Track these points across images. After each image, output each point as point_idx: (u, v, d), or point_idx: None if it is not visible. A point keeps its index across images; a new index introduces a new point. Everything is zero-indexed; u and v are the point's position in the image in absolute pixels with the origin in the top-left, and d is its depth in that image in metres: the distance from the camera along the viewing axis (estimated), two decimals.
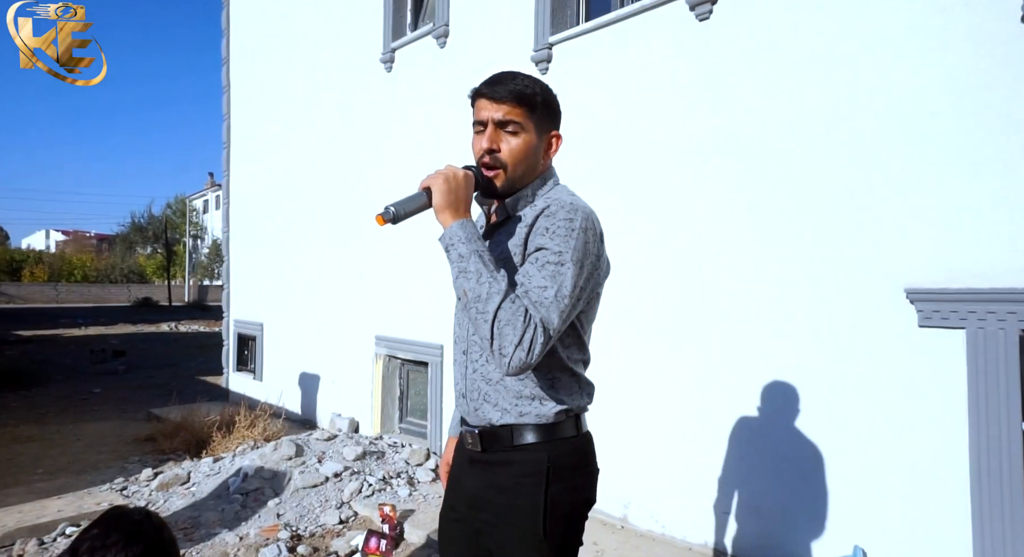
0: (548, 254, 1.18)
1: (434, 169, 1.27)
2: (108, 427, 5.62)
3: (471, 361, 1.31)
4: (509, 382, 1.25)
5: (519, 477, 1.24)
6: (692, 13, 3.12)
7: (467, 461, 1.35)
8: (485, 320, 1.12)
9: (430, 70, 4.62)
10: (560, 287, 1.15)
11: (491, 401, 1.27)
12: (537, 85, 1.29)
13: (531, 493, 1.23)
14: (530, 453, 1.25)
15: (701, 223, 3.12)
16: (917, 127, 2.45)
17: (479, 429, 1.30)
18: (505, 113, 1.25)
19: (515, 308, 1.12)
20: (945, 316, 2.32)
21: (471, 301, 1.14)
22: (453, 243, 1.18)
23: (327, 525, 3.35)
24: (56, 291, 33.47)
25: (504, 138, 1.26)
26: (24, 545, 3.09)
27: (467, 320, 1.31)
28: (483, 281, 1.13)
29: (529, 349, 1.10)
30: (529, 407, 1.25)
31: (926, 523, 2.37)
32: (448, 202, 1.19)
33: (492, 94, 1.26)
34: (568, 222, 1.20)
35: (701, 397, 3.08)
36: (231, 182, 7.35)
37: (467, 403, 1.33)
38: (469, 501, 1.33)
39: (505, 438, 1.26)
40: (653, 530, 3.22)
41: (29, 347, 12.27)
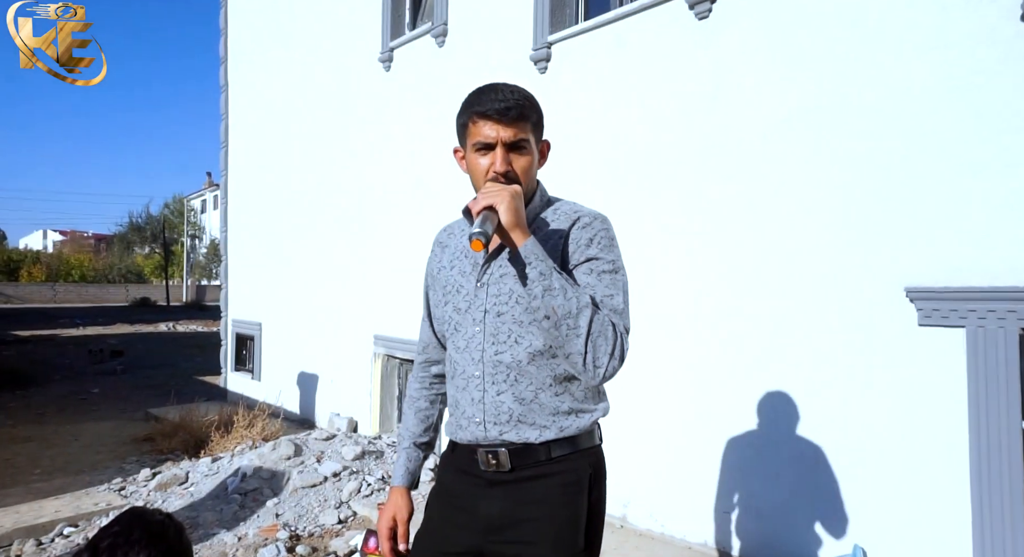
0: (602, 263, 1.21)
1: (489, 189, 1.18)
2: (106, 427, 5.60)
3: (494, 383, 1.23)
4: (545, 399, 1.22)
5: (562, 487, 1.21)
6: (691, 12, 3.12)
7: (484, 484, 1.25)
8: (578, 335, 1.11)
9: (429, 69, 4.61)
10: (624, 294, 1.21)
11: (527, 421, 1.22)
12: (531, 98, 1.27)
13: (575, 502, 1.21)
14: (571, 462, 1.23)
15: (701, 222, 3.11)
16: (917, 125, 2.44)
17: (507, 447, 1.22)
18: (516, 134, 1.22)
19: (603, 320, 1.14)
20: (945, 315, 2.31)
21: (561, 318, 1.11)
22: (531, 261, 1.13)
23: (326, 525, 3.34)
24: (54, 291, 33.39)
25: (514, 159, 1.23)
26: (22, 545, 3.08)
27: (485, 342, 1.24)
28: (570, 297, 1.12)
29: (621, 358, 1.15)
30: (567, 421, 1.23)
31: (926, 522, 2.37)
32: (518, 220, 1.15)
33: (501, 116, 1.21)
34: (607, 231, 1.25)
35: (700, 396, 3.08)
36: (229, 182, 7.34)
37: (488, 430, 1.23)
38: (487, 528, 1.23)
39: (542, 453, 1.22)
40: (652, 529, 3.21)
41: (27, 347, 12.24)
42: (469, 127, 1.25)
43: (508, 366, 1.21)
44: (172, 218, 38.97)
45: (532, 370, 1.21)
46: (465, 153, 1.29)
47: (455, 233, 1.41)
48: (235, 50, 7.20)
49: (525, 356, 1.21)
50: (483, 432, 1.23)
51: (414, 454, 1.43)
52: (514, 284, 1.21)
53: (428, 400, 1.47)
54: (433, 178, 4.42)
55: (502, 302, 1.23)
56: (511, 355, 1.21)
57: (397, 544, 1.36)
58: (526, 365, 1.21)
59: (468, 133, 1.26)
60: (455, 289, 1.31)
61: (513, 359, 1.21)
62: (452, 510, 1.30)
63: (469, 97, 1.26)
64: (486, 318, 1.24)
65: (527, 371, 1.21)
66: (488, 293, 1.25)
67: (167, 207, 39.97)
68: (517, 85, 1.27)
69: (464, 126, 1.27)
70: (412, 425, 1.46)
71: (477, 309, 1.26)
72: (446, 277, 1.35)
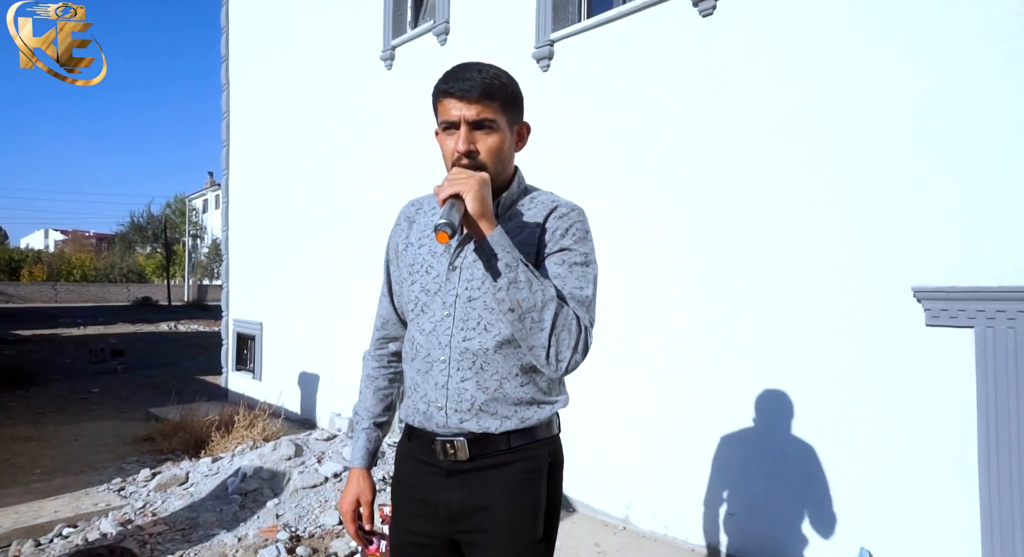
0: (575, 255, 1.19)
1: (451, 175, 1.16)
2: (106, 427, 5.59)
3: (459, 370, 1.21)
4: (509, 389, 1.20)
5: (522, 474, 1.21)
6: (695, 9, 3.09)
7: (442, 474, 1.23)
8: (542, 328, 1.10)
9: (430, 68, 4.59)
10: (593, 287, 1.19)
11: (489, 410, 1.20)
12: (503, 76, 1.22)
13: (534, 489, 1.21)
14: (530, 451, 1.22)
15: (703, 222, 3.09)
16: (923, 124, 2.42)
17: (466, 437, 1.20)
18: (478, 112, 1.17)
19: (567, 313, 1.13)
20: (953, 315, 2.29)
21: (525, 311, 1.10)
22: (497, 252, 1.11)
23: (326, 526, 3.32)
24: (55, 291, 33.41)
25: (479, 138, 1.19)
26: (20, 546, 3.06)
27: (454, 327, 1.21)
28: (535, 290, 1.10)
29: (584, 351, 1.14)
30: (529, 412, 1.22)
31: (934, 525, 2.34)
32: (484, 209, 1.11)
33: (461, 92, 1.17)
34: (582, 224, 1.23)
35: (703, 397, 3.05)
36: (230, 181, 7.32)
37: (448, 417, 1.21)
38: (448, 517, 1.22)
39: (501, 443, 1.20)
40: (656, 531, 3.19)
41: (28, 347, 12.23)
42: (437, 107, 1.23)
43: (475, 353, 1.19)
44: (174, 218, 39.03)
45: (499, 359, 1.19)
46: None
47: (424, 209, 1.37)
48: (236, 49, 7.18)
49: (493, 344, 1.19)
50: (443, 418, 1.21)
51: (373, 434, 1.40)
52: None
53: (387, 379, 1.43)
54: (435, 176, 4.39)
55: (474, 287, 1.20)
56: (479, 342, 1.19)
57: (362, 525, 1.36)
58: (493, 353, 1.19)
59: (437, 113, 1.24)
60: (423, 269, 1.27)
61: (480, 347, 1.19)
62: (412, 500, 1.28)
63: (441, 77, 1.23)
64: (456, 302, 1.21)
65: (493, 360, 1.19)
66: (460, 277, 1.22)
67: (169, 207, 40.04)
68: (493, 65, 1.23)
69: (434, 106, 1.25)
70: (371, 404, 1.42)
71: (448, 293, 1.23)
72: (414, 254, 1.30)
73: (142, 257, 41.70)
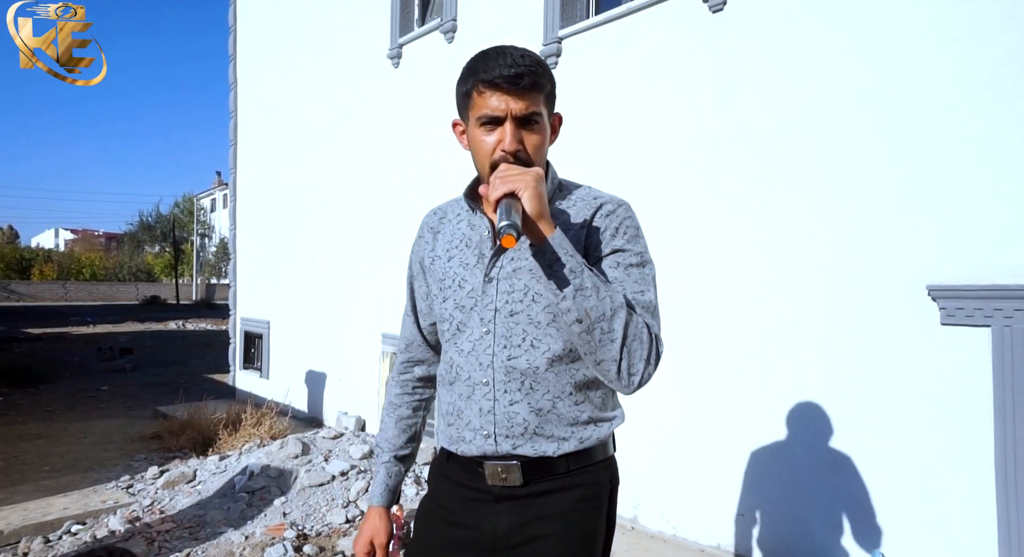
0: (630, 256, 1.08)
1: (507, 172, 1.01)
2: (115, 425, 5.61)
3: (506, 392, 1.10)
4: (563, 409, 1.10)
5: (579, 502, 1.10)
6: (705, 4, 3.06)
7: (490, 500, 1.13)
8: (612, 340, 0.98)
9: (438, 66, 4.57)
10: (655, 290, 1.10)
11: (544, 433, 1.09)
12: (544, 64, 1.09)
13: (591, 518, 1.11)
14: (589, 475, 1.12)
15: (714, 219, 3.06)
16: (940, 119, 2.38)
17: (520, 461, 1.10)
18: (528, 107, 1.04)
19: (637, 321, 1.00)
20: (969, 314, 2.25)
21: (594, 322, 0.97)
22: (560, 257, 0.98)
23: (333, 524, 3.31)
24: (65, 289, 33.68)
25: (524, 134, 1.05)
26: (30, 543, 3.07)
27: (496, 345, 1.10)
28: (603, 297, 0.98)
29: (656, 363, 1.02)
30: (587, 431, 1.12)
31: (949, 527, 2.31)
32: (543, 208, 0.99)
33: (510, 83, 1.02)
34: (631, 220, 1.12)
35: (713, 396, 3.02)
36: (238, 180, 7.33)
37: (499, 443, 1.10)
38: (493, 543, 1.11)
39: (559, 466, 1.10)
40: (664, 531, 3.16)
41: (38, 345, 12.33)
42: (473, 98, 1.06)
43: (523, 373, 1.08)
44: (182, 217, 39.22)
45: (550, 377, 1.08)
46: (467, 127, 1.11)
47: (448, 217, 1.23)
48: (244, 47, 7.19)
49: (543, 362, 1.08)
50: (493, 446, 1.10)
51: (394, 469, 1.28)
52: (529, 279, 1.08)
53: (411, 407, 1.31)
54: (442, 174, 4.38)
55: (515, 300, 1.09)
56: (527, 360, 1.08)
57: None
58: (544, 372, 1.08)
59: (471, 105, 1.07)
60: (456, 283, 1.15)
61: (529, 365, 1.08)
62: (448, 527, 1.16)
63: (473, 62, 1.08)
64: (496, 318, 1.10)
65: (544, 378, 1.08)
66: (499, 289, 1.10)
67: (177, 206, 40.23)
68: (527, 48, 1.10)
69: (467, 95, 1.08)
70: (392, 436, 1.30)
71: (486, 308, 1.11)
72: (443, 269, 1.18)
73: (151, 256, 41.96)
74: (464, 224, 1.20)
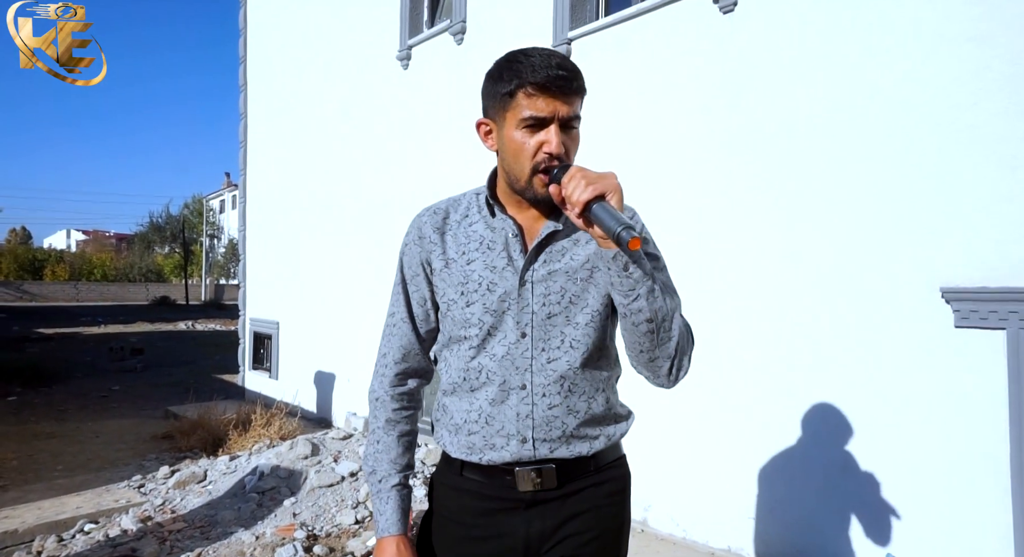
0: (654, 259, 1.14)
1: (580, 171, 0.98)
2: (127, 424, 5.66)
3: (545, 397, 1.10)
4: (595, 408, 1.13)
5: (609, 497, 1.15)
6: (716, 6, 3.05)
7: (520, 506, 1.11)
8: (671, 338, 1.02)
9: (447, 67, 4.59)
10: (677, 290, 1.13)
11: (579, 434, 1.12)
12: (578, 67, 1.10)
13: (617, 512, 1.16)
14: (615, 470, 1.17)
15: (724, 221, 3.05)
16: (954, 120, 2.36)
17: (556, 464, 1.11)
18: (574, 110, 1.05)
19: (684, 320, 1.06)
20: (984, 316, 2.23)
21: (660, 321, 1.00)
22: (638, 259, 0.99)
23: (343, 525, 3.32)
24: (76, 290, 34.00)
25: (565, 137, 1.05)
26: (44, 541, 3.10)
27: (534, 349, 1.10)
28: (668, 296, 1.03)
29: (691, 360, 1.08)
30: (612, 428, 1.16)
31: (964, 532, 2.28)
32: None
33: (561, 86, 1.02)
34: (643, 225, 1.19)
35: (724, 399, 3.01)
36: (248, 181, 7.38)
37: (536, 448, 1.10)
38: (526, 548, 1.11)
39: (591, 465, 1.14)
40: (674, 534, 3.15)
41: (50, 345, 12.45)
42: (518, 98, 1.04)
43: (563, 375, 1.09)
44: (191, 218, 39.54)
45: (585, 378, 1.11)
46: (500, 128, 1.08)
47: (455, 218, 1.18)
48: (254, 50, 7.24)
49: (580, 362, 1.10)
50: (531, 451, 1.08)
51: (404, 492, 1.18)
52: (566, 282, 1.10)
53: (409, 421, 1.22)
54: (451, 176, 4.39)
55: (552, 302, 1.09)
56: (567, 362, 1.09)
57: None
58: (581, 374, 1.11)
59: (514, 105, 1.04)
60: (484, 287, 1.11)
61: (569, 367, 1.09)
62: (470, 543, 1.12)
63: (513, 63, 1.05)
64: (533, 321, 1.09)
65: (581, 379, 1.11)
66: (534, 293, 1.09)
67: (186, 207, 40.57)
68: (564, 55, 1.14)
69: (510, 95, 1.05)
70: (397, 455, 1.19)
71: (522, 311, 1.09)
72: (462, 272, 1.13)
73: (160, 257, 42.28)
74: (480, 225, 1.16)
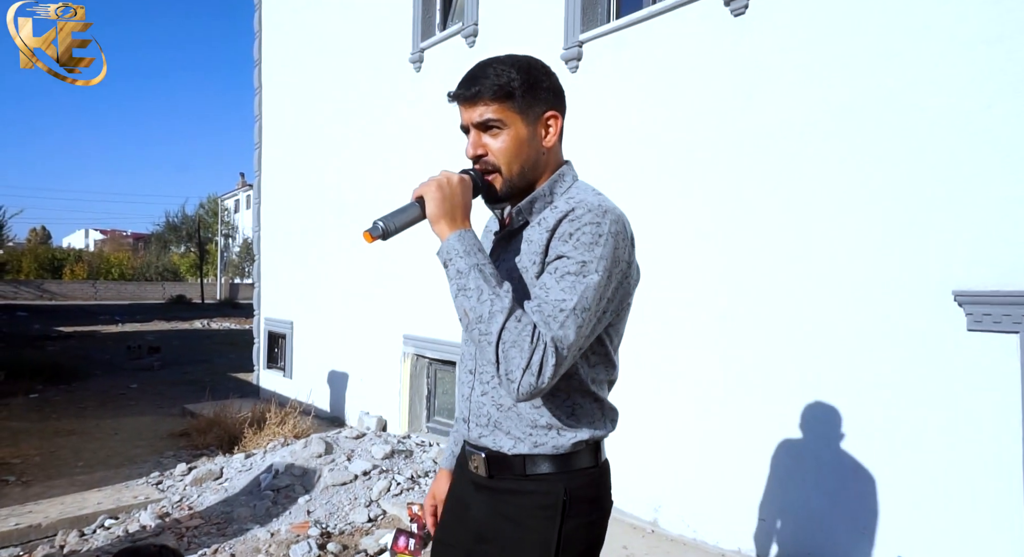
0: (569, 263, 1.04)
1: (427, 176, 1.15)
2: (144, 422, 5.76)
3: (480, 383, 1.19)
4: (523, 409, 1.13)
5: (532, 509, 1.12)
6: (727, 8, 3.05)
7: (472, 487, 1.22)
8: (489, 342, 1.01)
9: (459, 70, 4.57)
10: (580, 299, 1.01)
11: (503, 428, 1.15)
12: (512, 69, 1.13)
13: (544, 527, 1.11)
14: (544, 484, 1.13)
15: (735, 224, 3.05)
16: (968, 122, 2.34)
17: (486, 453, 1.17)
18: (481, 114, 1.13)
19: (521, 327, 0.99)
20: (997, 320, 2.21)
21: (472, 322, 1.02)
22: (451, 258, 1.06)
23: (356, 523, 3.37)
24: (95, 289, 34.50)
25: (489, 139, 1.14)
26: (66, 536, 3.18)
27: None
28: (484, 299, 1.01)
29: (539, 373, 0.98)
30: (545, 437, 1.13)
31: (975, 535, 2.27)
32: (443, 211, 1.07)
33: (462, 97, 1.15)
34: (595, 227, 1.06)
35: (734, 400, 3.01)
36: (262, 182, 7.47)
37: (471, 429, 1.20)
38: (476, 533, 1.19)
39: (517, 466, 1.14)
40: (684, 535, 3.16)
41: (70, 343, 12.68)
42: None
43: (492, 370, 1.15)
44: (207, 218, 39.93)
45: None
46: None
47: (493, 216, 1.33)
48: (269, 53, 7.32)
49: None
50: (467, 431, 1.21)
51: (460, 437, 1.39)
52: (509, 277, 1.12)
53: None
54: None
55: None
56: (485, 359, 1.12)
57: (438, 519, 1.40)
58: None
59: None
60: None
61: (488, 364, 1.13)
62: (451, 502, 1.32)
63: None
64: None
65: None
66: None
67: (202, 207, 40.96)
68: (510, 56, 1.16)
69: None
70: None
71: None
72: None
73: (176, 256, 42.79)
74: (494, 220, 1.33)
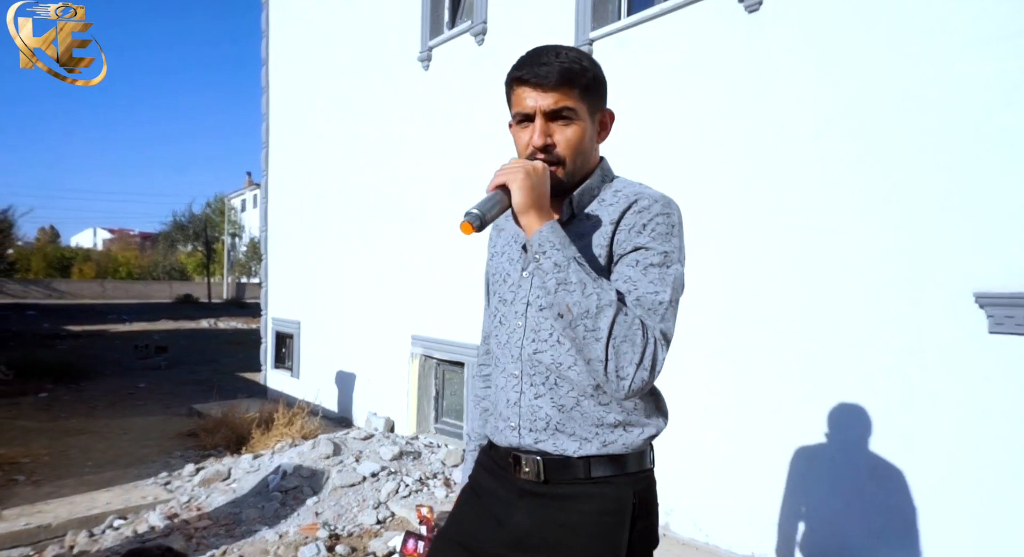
0: (651, 255, 1.04)
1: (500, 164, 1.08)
2: (153, 422, 5.77)
3: (532, 386, 1.12)
4: (588, 408, 1.08)
5: (599, 515, 1.07)
6: (741, 4, 3.01)
7: (515, 493, 1.14)
8: (597, 338, 0.97)
9: (468, 68, 4.59)
10: (673, 291, 1.04)
11: (565, 431, 1.09)
12: (585, 58, 1.12)
13: (614, 534, 1.06)
14: (612, 487, 1.08)
15: (747, 223, 3.01)
16: (986, 121, 2.30)
17: (543, 457, 1.11)
18: (556, 101, 1.07)
19: (630, 321, 0.97)
20: (1019, 322, 2.17)
21: (577, 317, 0.97)
22: (546, 250, 1.00)
23: (364, 525, 3.35)
24: (103, 288, 34.72)
25: (557, 129, 1.08)
26: (75, 536, 3.18)
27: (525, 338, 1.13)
28: (589, 292, 0.97)
29: (652, 367, 0.98)
30: (613, 435, 1.08)
31: (994, 540, 2.23)
32: (532, 201, 1.02)
33: (538, 79, 1.06)
34: (666, 217, 1.08)
35: (748, 403, 2.97)
36: (269, 182, 7.47)
37: (522, 436, 1.13)
38: (513, 542, 1.11)
39: (580, 469, 1.08)
40: (696, 539, 3.12)
41: (78, 342, 12.73)
42: (511, 96, 1.13)
43: (548, 367, 1.09)
44: (213, 217, 40.09)
45: (573, 374, 1.08)
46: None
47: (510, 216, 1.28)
48: (276, 52, 7.32)
49: (567, 358, 1.08)
50: (517, 438, 1.12)
51: (474, 454, 1.38)
52: None
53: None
54: (472, 176, 4.40)
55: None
56: (551, 356, 1.09)
57: None
58: (567, 368, 1.08)
59: (510, 103, 1.14)
60: (501, 277, 1.21)
61: (553, 360, 1.09)
62: (477, 511, 1.21)
63: (515, 63, 1.13)
64: (528, 311, 1.13)
65: (568, 375, 1.08)
66: (532, 283, 1.13)
67: (209, 206, 41.15)
68: (573, 48, 1.14)
69: (507, 96, 1.14)
70: (478, 425, 1.39)
71: (520, 301, 1.15)
72: (496, 264, 1.25)
73: (183, 255, 42.96)
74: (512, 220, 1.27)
